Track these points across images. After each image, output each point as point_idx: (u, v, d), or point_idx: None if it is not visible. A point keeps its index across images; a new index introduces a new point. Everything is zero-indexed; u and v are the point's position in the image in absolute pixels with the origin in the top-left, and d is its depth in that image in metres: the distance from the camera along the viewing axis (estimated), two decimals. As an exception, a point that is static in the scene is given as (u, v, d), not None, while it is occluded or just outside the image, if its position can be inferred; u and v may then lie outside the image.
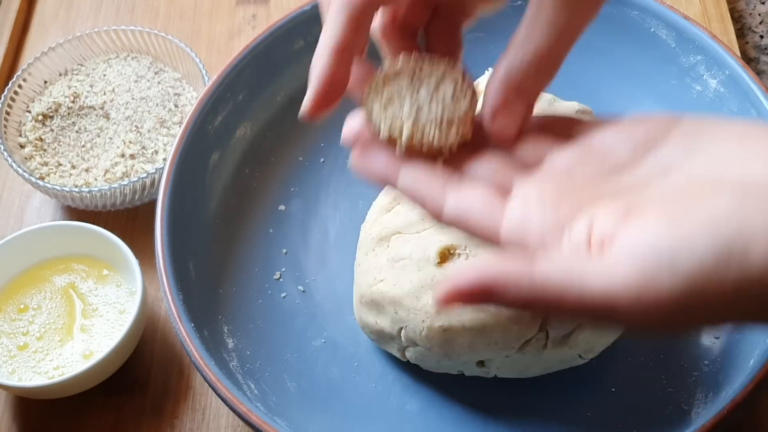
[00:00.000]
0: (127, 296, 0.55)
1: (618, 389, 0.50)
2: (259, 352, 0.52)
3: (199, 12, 0.74)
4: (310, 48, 0.60)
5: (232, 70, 0.57)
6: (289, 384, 0.51)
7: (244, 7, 0.74)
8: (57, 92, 0.64)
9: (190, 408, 0.53)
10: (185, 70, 0.65)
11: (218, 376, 0.45)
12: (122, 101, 0.63)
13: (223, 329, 0.52)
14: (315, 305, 0.54)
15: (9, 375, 0.52)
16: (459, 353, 0.47)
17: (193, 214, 0.54)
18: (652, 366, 0.50)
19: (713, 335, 0.50)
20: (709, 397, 0.48)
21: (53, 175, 0.61)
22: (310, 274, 0.55)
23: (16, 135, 0.62)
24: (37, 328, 0.54)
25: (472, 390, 0.50)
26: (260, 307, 0.54)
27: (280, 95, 0.60)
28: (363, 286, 0.49)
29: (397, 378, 0.51)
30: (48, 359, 0.52)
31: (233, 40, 0.72)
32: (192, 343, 0.47)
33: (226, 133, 0.57)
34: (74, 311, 0.54)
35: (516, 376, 0.49)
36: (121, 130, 0.62)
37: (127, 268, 0.54)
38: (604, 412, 0.49)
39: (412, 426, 0.49)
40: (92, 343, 0.53)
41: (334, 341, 0.53)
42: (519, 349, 0.46)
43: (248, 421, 0.44)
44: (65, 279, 0.56)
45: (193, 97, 0.64)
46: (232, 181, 0.57)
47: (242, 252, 0.55)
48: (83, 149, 0.62)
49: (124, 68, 0.66)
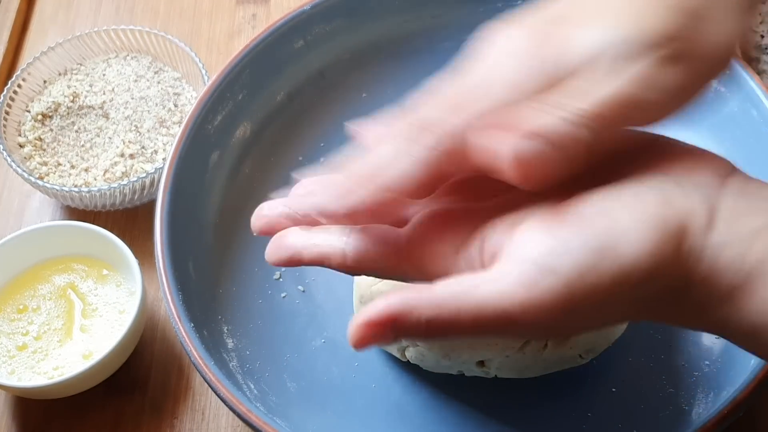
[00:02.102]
0: (126, 296, 0.55)
1: (618, 389, 0.50)
2: (259, 352, 0.52)
3: (198, 12, 0.74)
4: (310, 48, 0.61)
5: (231, 69, 0.57)
6: (289, 384, 0.51)
7: (244, 7, 0.74)
8: (56, 92, 0.64)
9: (190, 408, 0.53)
10: (185, 69, 0.65)
11: (218, 376, 0.45)
12: (122, 101, 0.63)
13: (222, 329, 0.52)
14: (315, 305, 0.54)
15: (8, 375, 0.52)
16: (459, 353, 0.47)
17: (193, 214, 0.54)
18: (652, 366, 0.50)
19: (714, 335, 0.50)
20: (709, 397, 0.48)
21: (53, 175, 0.60)
22: (310, 274, 0.55)
23: (15, 135, 0.62)
24: (36, 328, 0.54)
25: (472, 390, 0.50)
26: (260, 307, 0.54)
27: (279, 95, 0.60)
28: (363, 286, 0.49)
29: (397, 378, 0.51)
30: (47, 359, 0.52)
31: (233, 40, 0.72)
32: (192, 343, 0.46)
33: (226, 133, 0.57)
34: (74, 311, 0.54)
35: (516, 376, 0.49)
36: (120, 129, 0.62)
37: (127, 268, 0.54)
38: (604, 412, 0.49)
39: (412, 426, 0.49)
40: (92, 343, 0.53)
41: (334, 341, 0.53)
42: (519, 349, 0.46)
43: (248, 421, 0.44)
44: (65, 279, 0.56)
45: (192, 96, 0.64)
46: (232, 181, 0.57)
47: (242, 252, 0.55)
48: (83, 149, 0.62)
49: (124, 68, 0.66)
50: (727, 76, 0.55)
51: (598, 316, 0.32)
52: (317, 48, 0.61)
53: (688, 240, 0.31)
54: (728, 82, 0.55)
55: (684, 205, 0.31)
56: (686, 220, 0.31)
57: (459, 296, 0.31)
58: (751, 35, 0.34)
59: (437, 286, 0.32)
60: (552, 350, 0.46)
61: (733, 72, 0.54)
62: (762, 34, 0.72)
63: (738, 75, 0.54)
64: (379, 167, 0.33)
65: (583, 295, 0.30)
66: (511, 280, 0.30)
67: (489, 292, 0.31)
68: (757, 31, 0.72)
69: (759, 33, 0.72)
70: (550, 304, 0.30)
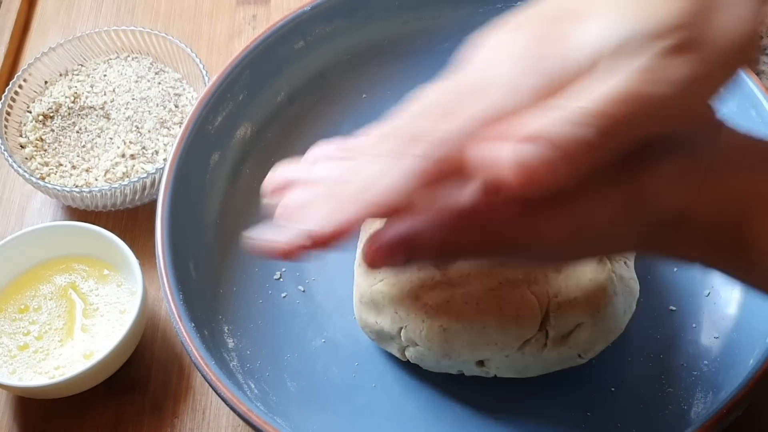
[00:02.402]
0: (127, 296, 0.55)
1: (618, 389, 0.50)
2: (259, 351, 0.52)
3: (199, 12, 0.74)
4: (310, 48, 0.61)
5: (232, 70, 0.57)
6: (289, 384, 0.51)
7: (244, 8, 0.74)
8: (57, 92, 0.64)
9: (191, 408, 0.53)
10: (185, 70, 0.65)
11: (218, 376, 0.45)
12: (123, 101, 0.63)
13: (223, 329, 0.52)
14: (315, 305, 0.54)
15: (9, 375, 0.52)
16: (459, 353, 0.47)
17: (193, 214, 0.54)
18: (652, 366, 0.50)
19: (713, 334, 0.51)
20: (708, 396, 0.48)
21: (54, 176, 0.61)
22: (310, 274, 0.55)
23: (16, 135, 0.62)
24: (37, 328, 0.54)
25: (472, 390, 0.50)
26: (260, 307, 0.54)
27: (280, 95, 0.60)
28: (363, 286, 0.49)
29: (397, 378, 0.51)
30: (49, 359, 0.52)
31: (233, 41, 0.72)
32: (192, 343, 0.47)
33: (226, 133, 0.57)
34: (75, 311, 0.54)
35: (516, 376, 0.49)
36: (121, 130, 0.62)
37: (128, 268, 0.54)
38: (604, 412, 0.49)
39: (412, 426, 0.49)
40: (93, 343, 0.53)
41: (334, 341, 0.53)
42: (519, 349, 0.47)
43: (248, 421, 0.44)
44: (66, 279, 0.56)
45: (193, 97, 0.65)
46: (232, 181, 0.57)
47: (242, 252, 0.55)
48: (84, 149, 0.62)
49: (125, 68, 0.66)
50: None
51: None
52: (317, 48, 0.61)
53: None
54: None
55: None
56: None
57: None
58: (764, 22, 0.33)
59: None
60: (551, 350, 0.47)
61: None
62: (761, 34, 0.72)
63: (738, 75, 0.54)
64: (368, 182, 0.33)
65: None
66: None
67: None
68: (756, 31, 0.72)
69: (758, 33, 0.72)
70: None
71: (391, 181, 0.32)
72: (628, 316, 0.49)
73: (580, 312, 0.46)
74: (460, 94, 0.33)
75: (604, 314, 0.46)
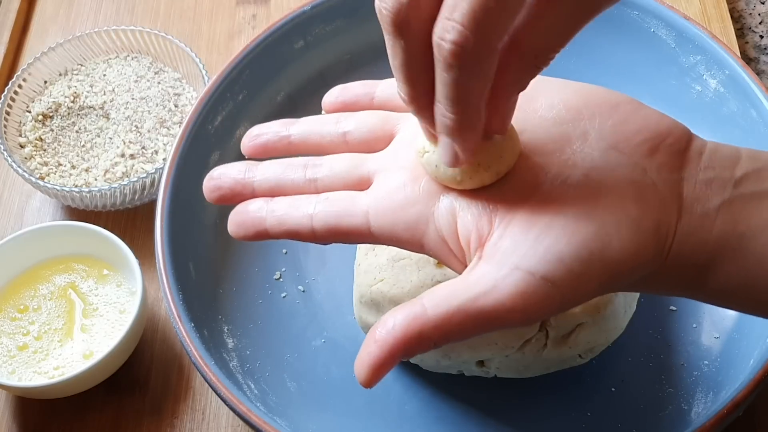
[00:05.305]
0: (127, 296, 0.55)
1: (618, 389, 0.50)
2: (259, 351, 0.52)
3: (199, 12, 0.74)
4: (310, 48, 0.61)
5: (232, 70, 0.57)
6: (289, 384, 0.51)
7: (244, 7, 0.74)
8: (57, 92, 0.64)
9: (190, 408, 0.53)
10: (185, 70, 0.65)
11: (218, 376, 0.45)
12: (122, 101, 0.63)
13: (223, 329, 0.52)
14: (315, 305, 0.54)
15: (9, 375, 0.52)
16: (459, 353, 0.47)
17: (193, 214, 0.54)
18: (652, 366, 0.50)
19: (713, 334, 0.51)
20: (708, 396, 0.48)
21: (53, 175, 0.61)
22: (310, 274, 0.55)
23: (16, 135, 0.62)
24: (37, 328, 0.54)
25: (472, 390, 0.50)
26: (260, 307, 0.54)
27: (280, 95, 0.60)
28: (363, 286, 0.49)
29: (397, 378, 0.51)
30: (48, 359, 0.52)
31: (233, 40, 0.72)
32: (192, 343, 0.47)
33: (226, 133, 0.57)
34: (74, 311, 0.54)
35: (516, 376, 0.49)
36: (121, 130, 0.62)
37: (127, 268, 0.54)
38: (604, 412, 0.49)
39: (412, 426, 0.49)
40: (92, 343, 0.53)
41: (334, 341, 0.53)
42: (519, 349, 0.47)
43: (248, 421, 0.44)
44: (65, 279, 0.56)
45: (193, 97, 0.64)
46: (232, 181, 0.57)
47: (242, 252, 0.55)
48: (83, 149, 0.62)
49: (124, 68, 0.66)
50: (726, 76, 0.55)
51: (582, 302, 0.36)
52: (317, 48, 0.61)
53: (662, 233, 0.35)
54: (727, 82, 0.55)
55: (655, 200, 0.35)
56: (660, 218, 0.35)
57: (461, 309, 0.34)
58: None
59: (431, 302, 0.34)
60: (552, 350, 0.47)
61: (732, 72, 0.54)
62: (761, 34, 0.72)
63: (737, 75, 0.54)
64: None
65: (573, 297, 0.34)
66: (506, 290, 0.33)
67: (487, 303, 0.34)
68: (756, 31, 0.72)
69: (758, 33, 0.72)
70: (546, 307, 0.34)
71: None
72: (629, 316, 0.49)
73: (581, 312, 0.46)
74: None
75: (605, 314, 0.46)
